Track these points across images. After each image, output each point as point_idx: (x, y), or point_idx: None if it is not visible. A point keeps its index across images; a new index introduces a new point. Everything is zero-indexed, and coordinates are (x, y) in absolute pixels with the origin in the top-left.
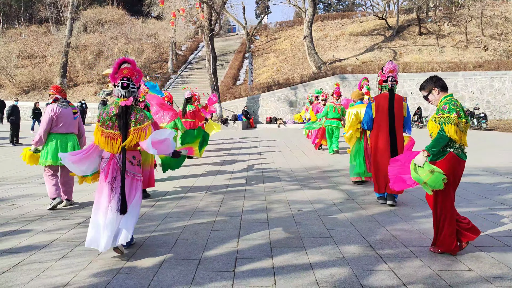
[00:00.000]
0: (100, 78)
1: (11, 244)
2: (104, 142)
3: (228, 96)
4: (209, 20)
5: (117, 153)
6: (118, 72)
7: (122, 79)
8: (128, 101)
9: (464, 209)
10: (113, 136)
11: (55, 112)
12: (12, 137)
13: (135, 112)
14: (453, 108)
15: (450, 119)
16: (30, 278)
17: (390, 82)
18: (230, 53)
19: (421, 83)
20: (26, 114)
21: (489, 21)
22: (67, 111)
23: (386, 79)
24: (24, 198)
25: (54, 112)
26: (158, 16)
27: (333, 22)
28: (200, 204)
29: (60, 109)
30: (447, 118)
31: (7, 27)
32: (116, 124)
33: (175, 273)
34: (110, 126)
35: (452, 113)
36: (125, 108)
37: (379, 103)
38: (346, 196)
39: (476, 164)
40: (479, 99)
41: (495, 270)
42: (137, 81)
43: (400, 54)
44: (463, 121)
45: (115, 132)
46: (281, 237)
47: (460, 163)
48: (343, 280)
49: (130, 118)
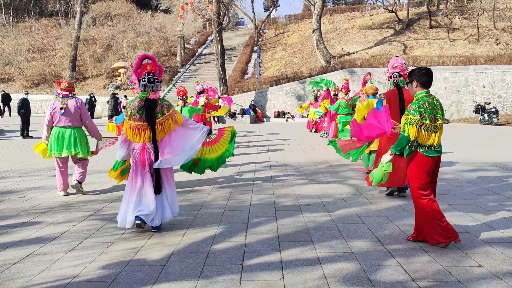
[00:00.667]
0: (109, 71)
1: (21, 236)
2: (133, 134)
3: (236, 90)
4: (218, 14)
5: (148, 142)
6: (140, 67)
7: (148, 74)
8: (156, 95)
9: (474, 204)
10: (141, 127)
11: (53, 107)
12: (22, 130)
13: (159, 103)
14: (418, 110)
15: (413, 121)
16: (41, 270)
17: (394, 78)
18: (238, 46)
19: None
20: (36, 107)
21: (501, 14)
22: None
23: (392, 76)
24: (35, 190)
25: (52, 107)
26: (166, 9)
27: (342, 16)
28: (208, 198)
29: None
30: (410, 119)
31: (17, 21)
32: (143, 116)
33: (183, 266)
34: (137, 118)
35: (415, 115)
36: (152, 101)
37: (390, 99)
38: (355, 190)
39: (486, 159)
40: (490, 94)
41: (506, 266)
42: (159, 75)
43: (410, 48)
44: (426, 122)
45: (143, 124)
46: (289, 231)
47: (427, 160)
48: (351, 275)
49: (156, 109)
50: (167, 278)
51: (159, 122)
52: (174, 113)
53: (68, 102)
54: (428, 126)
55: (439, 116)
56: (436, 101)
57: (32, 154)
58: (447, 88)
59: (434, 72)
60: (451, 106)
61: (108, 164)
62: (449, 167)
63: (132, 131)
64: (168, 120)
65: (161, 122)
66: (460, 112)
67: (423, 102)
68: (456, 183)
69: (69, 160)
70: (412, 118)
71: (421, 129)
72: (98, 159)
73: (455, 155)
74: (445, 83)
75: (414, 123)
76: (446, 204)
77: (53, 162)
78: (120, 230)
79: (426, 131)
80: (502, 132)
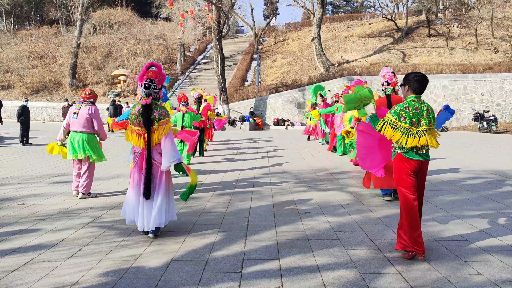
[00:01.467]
0: (109, 79)
1: (20, 243)
2: (133, 138)
3: (236, 97)
4: (218, 22)
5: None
6: (145, 74)
7: (146, 80)
8: (147, 100)
9: (473, 212)
10: (140, 132)
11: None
12: (22, 137)
13: (158, 110)
14: (398, 112)
15: (389, 120)
16: (39, 277)
17: (383, 87)
18: (238, 54)
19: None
20: (36, 114)
21: (499, 22)
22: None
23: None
24: (34, 197)
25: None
26: (166, 17)
27: (342, 24)
28: (208, 205)
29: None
30: (388, 118)
31: (18, 28)
32: (142, 121)
33: (182, 273)
34: (137, 123)
35: (393, 116)
36: (146, 106)
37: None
38: (354, 198)
39: (486, 167)
40: (489, 102)
41: (505, 275)
42: (159, 82)
43: (409, 56)
44: (404, 125)
45: (141, 129)
46: (288, 238)
47: (408, 161)
48: (350, 283)
49: (153, 115)
50: (166, 285)
51: (156, 127)
52: (166, 123)
53: (81, 109)
54: (408, 129)
55: (425, 121)
56: (424, 107)
57: (31, 161)
58: (446, 96)
59: (433, 80)
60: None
61: (109, 171)
62: (449, 175)
63: (133, 135)
64: (161, 127)
65: (156, 128)
66: (459, 120)
67: (408, 106)
68: (455, 191)
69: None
70: (389, 118)
71: (397, 130)
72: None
73: (454, 162)
74: (444, 91)
75: (389, 123)
76: (445, 212)
77: (52, 169)
78: (119, 237)
79: (405, 133)
80: (501, 140)
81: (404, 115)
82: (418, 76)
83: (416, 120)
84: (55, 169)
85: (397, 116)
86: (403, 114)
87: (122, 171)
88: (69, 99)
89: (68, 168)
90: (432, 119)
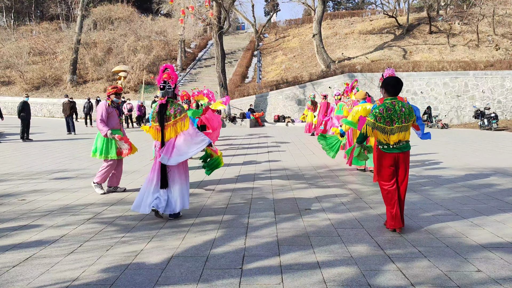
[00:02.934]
0: (109, 75)
1: (21, 239)
2: (153, 133)
3: (236, 94)
4: (218, 18)
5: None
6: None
7: (161, 82)
8: (163, 100)
9: (474, 209)
10: (158, 128)
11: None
12: (22, 133)
13: (174, 107)
14: (374, 114)
15: (369, 122)
16: (40, 273)
17: None
18: (238, 51)
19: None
20: (36, 110)
21: (501, 19)
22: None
23: None
24: (34, 193)
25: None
26: (167, 13)
27: (343, 20)
28: (208, 202)
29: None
30: (368, 120)
31: (18, 24)
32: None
33: (183, 269)
34: (156, 120)
35: (371, 118)
36: (162, 105)
37: None
38: (354, 195)
39: (486, 164)
40: (490, 99)
41: (505, 272)
42: (172, 82)
43: (410, 53)
44: (381, 125)
45: (159, 125)
46: (288, 235)
47: (385, 155)
48: (351, 280)
49: (169, 112)
50: (167, 282)
51: (171, 124)
52: (184, 118)
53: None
54: (384, 128)
55: (397, 120)
56: (398, 107)
57: (32, 157)
58: (447, 93)
59: (434, 77)
60: (451, 111)
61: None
62: (449, 172)
63: (152, 130)
64: (177, 123)
65: (172, 124)
66: (460, 117)
67: (382, 108)
68: (456, 188)
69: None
70: (368, 120)
71: (376, 129)
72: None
73: (455, 160)
74: (445, 88)
75: (369, 124)
76: (446, 209)
77: (52, 165)
78: (120, 233)
79: (381, 132)
80: (501, 137)
81: (379, 116)
82: (394, 82)
83: (390, 120)
84: (56, 165)
85: (374, 118)
86: (378, 115)
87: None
88: (69, 95)
89: (68, 164)
90: (405, 117)
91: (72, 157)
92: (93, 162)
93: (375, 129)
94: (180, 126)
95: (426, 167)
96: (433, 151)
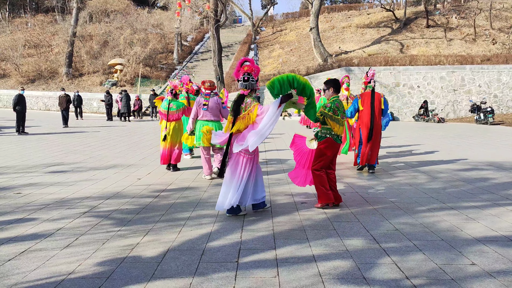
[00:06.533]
0: (105, 68)
1: (16, 232)
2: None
3: (233, 88)
4: (215, 11)
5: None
6: (240, 69)
7: (244, 74)
8: (245, 92)
9: (469, 203)
10: (230, 120)
11: (198, 104)
12: (18, 126)
13: (250, 100)
14: (332, 108)
15: (327, 115)
16: (36, 266)
17: (373, 83)
18: (235, 44)
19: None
20: (32, 103)
21: (498, 14)
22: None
23: (370, 81)
24: (30, 186)
25: (197, 104)
26: (163, 6)
27: (340, 14)
28: (204, 195)
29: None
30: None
31: (13, 16)
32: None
33: (179, 263)
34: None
35: (329, 111)
36: (242, 96)
37: (364, 99)
38: (350, 189)
39: (482, 158)
40: (486, 93)
41: (499, 265)
42: (255, 74)
43: (407, 47)
44: (338, 117)
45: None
46: (284, 229)
47: (335, 144)
48: (346, 273)
49: (242, 105)
50: (163, 275)
51: (241, 116)
52: (253, 108)
53: (210, 100)
54: (339, 120)
55: (344, 114)
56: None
57: (27, 150)
58: (443, 88)
59: (431, 72)
60: (447, 105)
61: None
62: (445, 166)
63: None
64: (247, 116)
65: (242, 117)
66: (456, 111)
67: (338, 103)
68: (452, 182)
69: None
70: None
71: (333, 121)
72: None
73: (450, 154)
74: (442, 82)
75: (327, 116)
76: (441, 203)
77: (48, 159)
78: (116, 227)
79: (337, 123)
80: (497, 131)
81: (337, 110)
82: (338, 82)
83: (342, 113)
84: (51, 159)
85: (333, 111)
86: (336, 109)
87: (118, 161)
88: (65, 88)
89: (64, 158)
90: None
91: (67, 150)
92: (89, 156)
93: (334, 121)
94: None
95: (422, 161)
96: (429, 145)
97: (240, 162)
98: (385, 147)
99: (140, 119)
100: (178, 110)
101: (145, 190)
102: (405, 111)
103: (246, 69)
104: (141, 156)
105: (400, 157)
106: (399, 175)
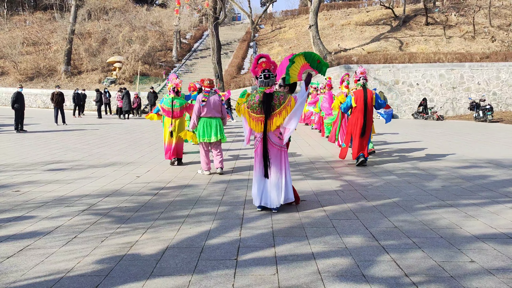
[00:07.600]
0: (104, 65)
1: (15, 230)
2: (254, 125)
3: (232, 85)
4: (214, 8)
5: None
6: (257, 66)
7: (263, 71)
8: (271, 89)
9: (468, 200)
10: (261, 119)
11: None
12: (16, 124)
13: (275, 96)
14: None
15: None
16: (35, 264)
17: (362, 80)
18: (234, 41)
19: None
20: (30, 101)
21: (497, 11)
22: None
23: (359, 79)
24: (29, 184)
25: (198, 101)
26: (162, 3)
27: (339, 11)
28: (203, 193)
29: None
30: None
31: (11, 14)
32: (262, 109)
33: (177, 260)
34: (258, 111)
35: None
36: (269, 95)
37: (357, 96)
38: (350, 186)
39: (481, 156)
40: (485, 91)
41: (498, 262)
42: (273, 70)
43: (406, 45)
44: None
45: (261, 116)
46: (283, 226)
47: None
48: (345, 270)
49: (273, 101)
50: (161, 272)
51: (277, 112)
52: (290, 101)
53: (209, 97)
54: None
55: None
56: None
57: (26, 148)
58: (442, 85)
59: (430, 69)
60: (446, 103)
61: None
62: (444, 164)
63: (254, 122)
64: (286, 109)
65: (279, 112)
66: (455, 109)
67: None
68: (450, 180)
69: None
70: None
71: None
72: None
73: (449, 151)
74: (441, 80)
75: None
76: (440, 200)
77: (47, 156)
78: (115, 224)
79: None
80: (496, 129)
81: None
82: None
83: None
84: (50, 156)
85: None
86: None
87: (117, 159)
88: (62, 86)
89: (63, 156)
90: None
91: (66, 148)
92: (88, 154)
93: None
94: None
95: (421, 159)
96: (428, 143)
97: (281, 157)
98: (384, 144)
99: (139, 116)
100: (182, 107)
101: (144, 187)
102: (404, 108)
103: (264, 66)
104: (140, 153)
105: (399, 154)
106: (398, 172)
